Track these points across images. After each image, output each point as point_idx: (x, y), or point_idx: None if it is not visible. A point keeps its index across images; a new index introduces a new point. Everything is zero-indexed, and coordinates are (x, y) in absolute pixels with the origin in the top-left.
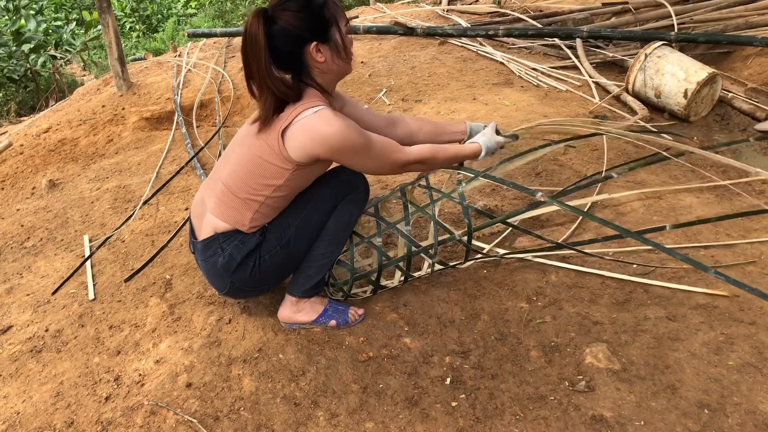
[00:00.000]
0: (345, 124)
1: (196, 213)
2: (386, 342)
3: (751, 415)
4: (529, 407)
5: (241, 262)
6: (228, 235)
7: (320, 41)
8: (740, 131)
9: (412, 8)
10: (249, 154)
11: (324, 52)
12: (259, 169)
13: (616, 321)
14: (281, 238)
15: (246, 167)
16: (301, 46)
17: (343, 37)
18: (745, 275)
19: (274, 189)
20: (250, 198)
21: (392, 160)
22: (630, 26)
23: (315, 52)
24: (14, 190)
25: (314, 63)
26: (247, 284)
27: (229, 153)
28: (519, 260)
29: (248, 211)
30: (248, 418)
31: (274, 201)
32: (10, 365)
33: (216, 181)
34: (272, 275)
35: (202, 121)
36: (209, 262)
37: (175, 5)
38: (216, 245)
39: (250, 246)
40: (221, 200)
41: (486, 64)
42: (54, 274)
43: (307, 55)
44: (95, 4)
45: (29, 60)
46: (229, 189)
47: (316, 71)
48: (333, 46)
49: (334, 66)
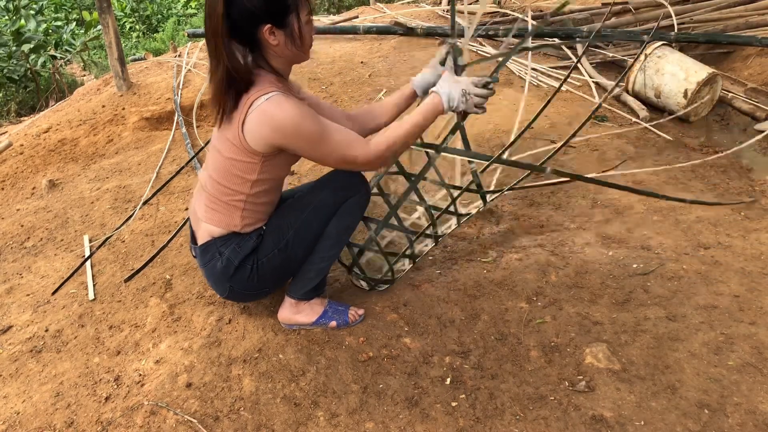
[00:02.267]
0: (298, 108)
1: (193, 218)
2: (386, 342)
3: (751, 415)
4: (529, 407)
5: (239, 265)
6: (225, 238)
7: (275, 25)
8: (740, 131)
9: (412, 8)
10: (219, 157)
11: (278, 36)
12: (231, 169)
13: (616, 321)
14: (279, 242)
15: (219, 171)
16: (255, 24)
17: (302, 27)
18: (745, 275)
19: (251, 184)
20: (233, 199)
21: (356, 154)
22: (630, 26)
23: (268, 34)
24: (14, 190)
25: (267, 44)
26: (246, 288)
27: (208, 160)
28: (519, 260)
29: (236, 211)
30: (248, 418)
31: (256, 196)
32: (10, 365)
33: (201, 189)
34: (271, 279)
35: (202, 121)
36: (208, 267)
37: (175, 5)
38: (214, 249)
39: (247, 249)
40: (208, 207)
41: (486, 64)
42: (54, 274)
43: (261, 35)
44: (95, 4)
45: (29, 60)
46: (212, 195)
47: (270, 53)
48: (288, 33)
49: (288, 52)
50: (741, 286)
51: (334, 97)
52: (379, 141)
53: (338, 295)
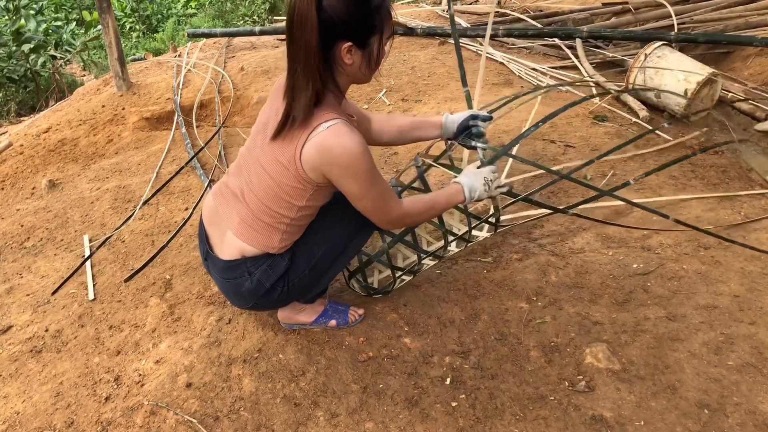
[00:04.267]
0: (360, 143)
1: (212, 221)
2: (386, 342)
3: (751, 415)
4: (529, 407)
5: (270, 288)
6: (256, 259)
7: (356, 44)
8: (740, 131)
9: (412, 8)
10: (269, 181)
11: (354, 56)
12: (280, 192)
13: (616, 321)
14: (309, 261)
15: (266, 192)
16: (335, 40)
17: (381, 49)
18: (745, 275)
19: (298, 210)
20: (278, 221)
21: (388, 207)
22: (630, 26)
23: (345, 52)
24: (14, 190)
25: (340, 61)
26: (270, 305)
27: (246, 171)
28: (519, 260)
29: (276, 234)
30: (248, 418)
31: (299, 220)
32: (10, 365)
33: (235, 200)
34: (297, 295)
35: (202, 121)
36: (232, 283)
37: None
38: (243, 269)
39: (280, 271)
40: (246, 224)
41: (486, 64)
42: (54, 274)
43: (337, 50)
44: (95, 4)
45: (29, 60)
46: (254, 214)
47: (339, 70)
48: (366, 54)
49: (359, 72)
50: (741, 286)
51: None
52: (406, 206)
53: (338, 295)
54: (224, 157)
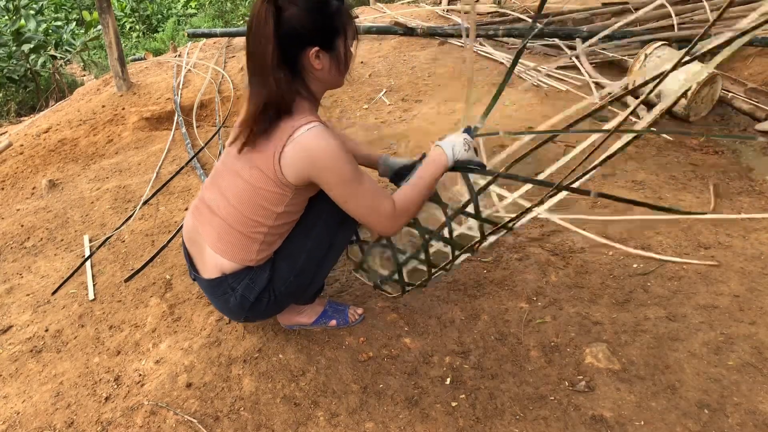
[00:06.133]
0: (339, 146)
1: (192, 240)
2: (386, 342)
3: (751, 415)
4: (529, 407)
5: (255, 300)
6: (236, 274)
7: (322, 48)
8: (740, 131)
9: (412, 8)
10: (245, 186)
11: (323, 60)
12: (257, 198)
13: (616, 321)
14: (293, 268)
15: (241, 200)
16: (302, 47)
17: (347, 50)
18: (745, 275)
19: (276, 216)
20: (255, 230)
21: (381, 206)
22: (630, 26)
23: (314, 57)
24: (14, 190)
25: (310, 68)
26: (265, 314)
27: (220, 182)
28: (519, 260)
29: (254, 244)
30: (248, 418)
31: (278, 228)
32: (10, 365)
33: (210, 212)
34: (287, 301)
35: (202, 121)
36: (220, 300)
37: (175, 5)
38: (225, 286)
39: (262, 284)
40: (222, 238)
41: (486, 64)
42: (54, 274)
43: (305, 58)
44: (95, 4)
45: (29, 60)
46: (230, 225)
47: (310, 76)
48: (334, 57)
49: (330, 76)
50: (741, 286)
51: (334, 97)
52: (399, 199)
53: (338, 295)
54: None
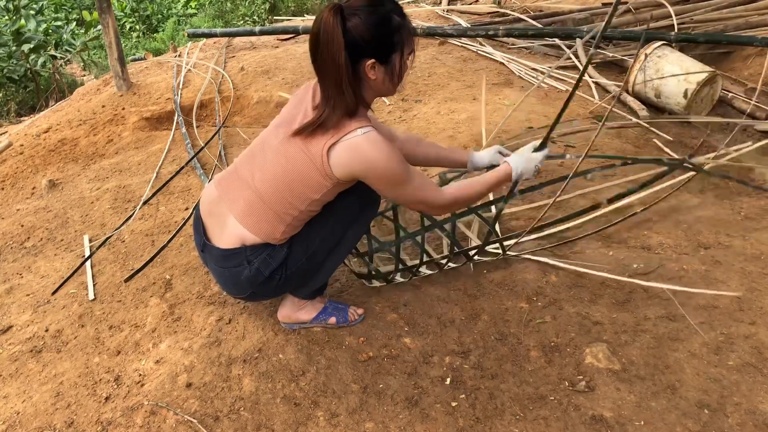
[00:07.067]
0: (390, 150)
1: (211, 212)
2: (386, 342)
3: (751, 415)
4: (529, 407)
5: (269, 276)
6: (256, 248)
7: (378, 61)
8: (740, 131)
9: (412, 8)
10: (289, 167)
11: (377, 72)
12: (299, 183)
13: (616, 321)
14: (307, 251)
15: (285, 181)
16: (360, 57)
17: (402, 65)
18: (745, 275)
19: (311, 203)
20: (286, 211)
21: (428, 199)
22: (630, 26)
23: (369, 68)
24: (14, 190)
25: (365, 77)
26: (267, 294)
27: (261, 158)
28: (519, 260)
29: (281, 224)
30: (248, 418)
31: (306, 214)
32: (10, 365)
33: (243, 185)
34: (294, 285)
35: (202, 121)
36: (230, 271)
37: (175, 5)
38: (242, 257)
39: (278, 260)
40: (253, 211)
41: (486, 64)
42: (54, 274)
43: (361, 67)
44: (95, 4)
45: (29, 60)
46: (263, 200)
47: (365, 85)
48: (389, 70)
49: (382, 87)
50: (741, 286)
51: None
52: (451, 192)
53: (338, 295)
54: (224, 157)
